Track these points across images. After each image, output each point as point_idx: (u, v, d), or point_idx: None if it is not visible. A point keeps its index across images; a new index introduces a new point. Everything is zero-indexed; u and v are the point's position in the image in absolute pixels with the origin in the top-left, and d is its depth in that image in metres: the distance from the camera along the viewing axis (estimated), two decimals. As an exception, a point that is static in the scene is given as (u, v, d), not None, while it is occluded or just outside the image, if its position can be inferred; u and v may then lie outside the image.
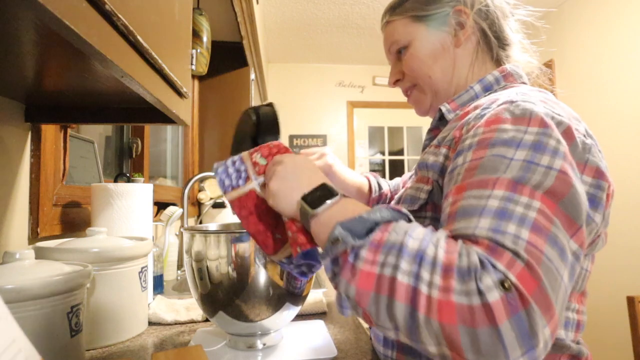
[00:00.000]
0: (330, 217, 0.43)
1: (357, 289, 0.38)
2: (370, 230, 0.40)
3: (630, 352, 2.16)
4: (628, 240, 2.26)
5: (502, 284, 0.33)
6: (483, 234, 0.37)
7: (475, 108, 0.54)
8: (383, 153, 3.97)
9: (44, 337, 0.49)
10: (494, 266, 0.34)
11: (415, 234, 0.38)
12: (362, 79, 3.88)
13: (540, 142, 0.43)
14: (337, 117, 3.85)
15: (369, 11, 2.84)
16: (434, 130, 0.66)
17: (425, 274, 0.35)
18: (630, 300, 1.21)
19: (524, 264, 0.35)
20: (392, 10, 0.71)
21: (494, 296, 0.33)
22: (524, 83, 0.63)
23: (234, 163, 0.55)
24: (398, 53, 0.71)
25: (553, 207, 0.40)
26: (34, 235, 0.78)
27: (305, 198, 0.46)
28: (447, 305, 0.33)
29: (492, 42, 0.66)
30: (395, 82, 0.73)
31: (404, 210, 0.43)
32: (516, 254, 0.35)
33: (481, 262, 0.35)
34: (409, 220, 0.43)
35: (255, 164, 0.55)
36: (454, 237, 0.40)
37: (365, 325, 0.80)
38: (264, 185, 0.53)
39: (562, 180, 0.41)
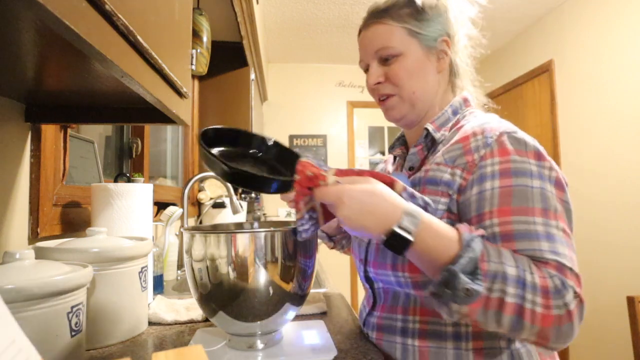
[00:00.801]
0: (416, 252, 0.53)
1: (470, 308, 0.50)
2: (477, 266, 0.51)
3: (630, 352, 2.16)
4: (628, 240, 2.26)
5: (575, 294, 0.51)
6: (549, 257, 0.53)
7: (475, 134, 0.64)
8: (383, 153, 3.97)
9: (44, 337, 0.49)
10: (567, 283, 0.51)
11: (509, 261, 0.52)
12: (362, 79, 3.87)
13: (541, 173, 0.58)
14: (337, 117, 3.84)
15: (369, 11, 2.84)
16: (418, 146, 0.73)
17: (528, 296, 0.50)
18: (630, 300, 1.21)
19: (575, 275, 0.53)
20: (385, 12, 0.71)
21: (573, 305, 0.51)
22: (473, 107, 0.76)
23: (302, 223, 0.60)
24: (385, 57, 0.72)
25: (566, 224, 0.57)
26: (34, 235, 0.78)
27: (387, 246, 0.54)
28: (548, 317, 0.50)
29: (459, 73, 0.76)
30: (376, 84, 0.74)
31: (481, 231, 0.55)
32: (571, 269, 0.53)
33: (561, 281, 0.51)
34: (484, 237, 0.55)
35: (306, 205, 0.60)
36: (526, 256, 0.54)
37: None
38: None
39: (561, 201, 0.58)
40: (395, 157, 0.85)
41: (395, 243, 0.53)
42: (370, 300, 0.74)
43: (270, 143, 0.73)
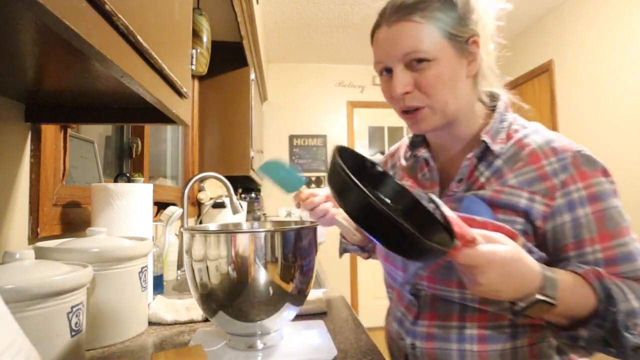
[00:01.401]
0: (556, 314, 0.54)
1: None
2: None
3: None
4: (628, 240, 2.26)
5: None
6: None
7: (546, 156, 0.62)
8: (383, 153, 3.97)
9: (44, 337, 0.49)
10: None
11: (631, 295, 0.54)
12: (362, 79, 3.88)
13: (613, 190, 0.60)
14: (337, 117, 3.84)
15: (369, 11, 2.83)
16: (470, 158, 0.66)
17: None
18: (630, 300, 1.21)
19: None
20: (414, 8, 0.62)
21: None
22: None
23: None
24: (414, 61, 0.62)
25: None
26: (34, 235, 0.78)
27: (523, 311, 0.53)
28: None
29: (485, 75, 0.68)
30: (406, 93, 0.64)
31: (606, 275, 0.55)
32: None
33: None
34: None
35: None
36: (628, 278, 0.57)
37: (366, 325, 0.80)
38: None
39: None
40: (411, 156, 0.78)
41: (536, 309, 0.52)
42: (413, 309, 0.69)
43: (413, 196, 0.64)
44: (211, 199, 2.04)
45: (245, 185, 2.95)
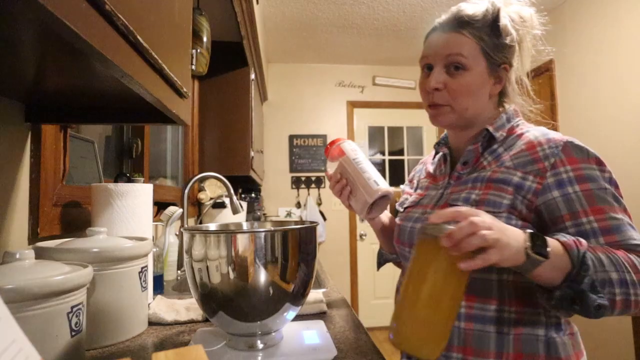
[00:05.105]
0: (544, 272, 0.59)
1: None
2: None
3: (631, 353, 2.16)
4: (628, 240, 2.26)
5: None
6: (637, 243, 0.64)
7: (540, 144, 0.71)
8: (383, 153, 3.96)
9: (44, 337, 0.49)
10: None
11: (610, 267, 0.59)
12: (362, 79, 3.87)
13: (604, 177, 0.68)
14: (337, 117, 3.84)
15: (369, 11, 2.83)
16: (475, 144, 0.77)
17: (631, 291, 0.60)
18: (630, 300, 1.21)
19: None
20: (468, 25, 0.74)
21: None
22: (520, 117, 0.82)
23: None
24: (451, 65, 0.74)
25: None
26: (34, 235, 0.78)
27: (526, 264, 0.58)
28: None
29: (508, 95, 0.80)
30: (434, 89, 0.76)
31: (585, 244, 0.60)
32: None
33: None
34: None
35: None
36: (622, 247, 0.63)
37: (366, 325, 0.79)
38: None
39: (621, 197, 0.68)
40: (435, 156, 0.90)
41: (531, 262, 0.58)
42: None
43: None
44: (211, 199, 2.04)
45: (245, 185, 2.95)
